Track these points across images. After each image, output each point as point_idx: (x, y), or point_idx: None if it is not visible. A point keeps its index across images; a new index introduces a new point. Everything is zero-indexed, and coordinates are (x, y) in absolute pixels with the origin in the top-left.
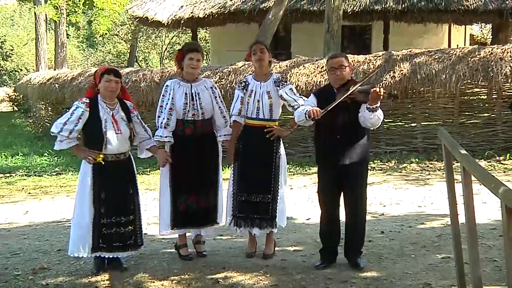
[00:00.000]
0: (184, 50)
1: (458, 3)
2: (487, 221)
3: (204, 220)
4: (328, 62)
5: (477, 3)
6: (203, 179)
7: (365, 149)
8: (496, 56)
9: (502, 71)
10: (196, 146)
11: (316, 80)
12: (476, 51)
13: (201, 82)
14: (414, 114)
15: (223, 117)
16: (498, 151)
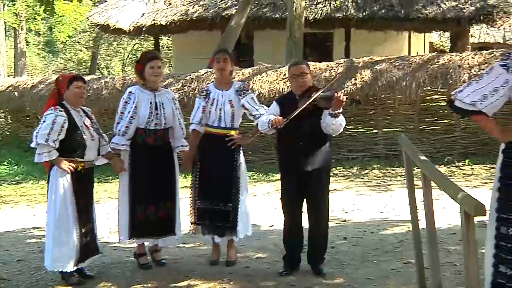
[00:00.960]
0: (144, 60)
1: (418, 11)
2: (447, 226)
3: (162, 231)
4: (290, 69)
5: (436, 12)
6: (163, 189)
7: (327, 156)
8: (454, 63)
9: (461, 78)
10: (156, 156)
11: (279, 87)
12: (436, 59)
13: (163, 92)
14: (376, 121)
15: (181, 129)
16: (458, 157)
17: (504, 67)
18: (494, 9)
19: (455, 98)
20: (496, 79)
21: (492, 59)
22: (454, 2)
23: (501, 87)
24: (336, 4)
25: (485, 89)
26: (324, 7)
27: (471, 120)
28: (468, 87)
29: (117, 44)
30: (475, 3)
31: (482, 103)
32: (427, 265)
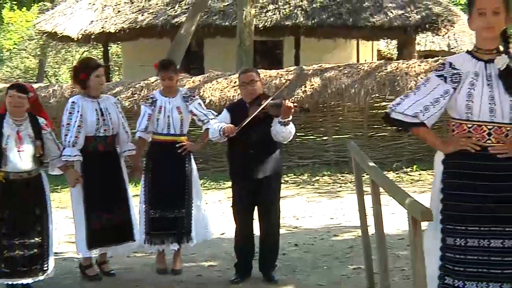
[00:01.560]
0: (88, 69)
1: (366, 19)
2: (396, 232)
3: (121, 237)
4: (240, 77)
5: (383, 20)
6: (115, 195)
7: (278, 163)
8: (401, 71)
9: (408, 85)
10: (106, 162)
11: (229, 95)
12: (383, 66)
13: (105, 98)
14: (326, 128)
15: (126, 132)
16: (406, 163)
17: (441, 78)
18: (439, 17)
19: (394, 111)
20: (434, 90)
21: (437, 66)
22: (401, 11)
23: (441, 98)
24: (285, 12)
25: (426, 100)
26: (274, 15)
27: (412, 133)
28: (406, 99)
29: (65, 51)
30: (420, 11)
31: (425, 114)
32: (377, 271)
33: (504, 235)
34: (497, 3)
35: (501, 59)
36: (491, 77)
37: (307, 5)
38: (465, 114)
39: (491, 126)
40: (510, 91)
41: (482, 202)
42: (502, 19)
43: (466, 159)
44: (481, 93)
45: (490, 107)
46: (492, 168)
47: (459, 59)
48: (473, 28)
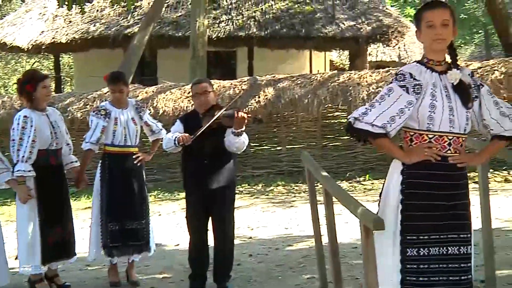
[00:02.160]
0: (35, 80)
1: (318, 30)
2: (350, 241)
3: (70, 252)
4: (193, 87)
5: (335, 31)
6: (65, 208)
7: (232, 173)
8: (354, 81)
9: (360, 95)
10: (56, 175)
11: (183, 105)
12: (336, 77)
13: (51, 110)
14: (279, 138)
15: (67, 145)
16: (359, 172)
17: (403, 88)
18: (389, 29)
19: (360, 121)
20: (398, 100)
21: (388, 77)
22: (352, 22)
23: (406, 108)
24: (238, 23)
25: (392, 111)
26: (227, 26)
27: (374, 144)
28: (373, 109)
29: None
30: (371, 23)
31: (392, 125)
32: (331, 280)
33: (460, 241)
34: (445, 15)
35: (453, 74)
36: (447, 88)
37: (260, 16)
38: (426, 125)
39: (451, 137)
40: (466, 104)
41: (440, 211)
42: (450, 31)
43: (426, 169)
44: (442, 104)
45: (450, 118)
46: (450, 177)
47: (416, 70)
48: (422, 40)
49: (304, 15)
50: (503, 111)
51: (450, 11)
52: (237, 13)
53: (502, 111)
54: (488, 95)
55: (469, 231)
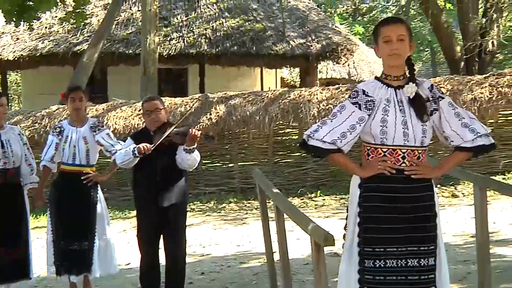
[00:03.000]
0: None
1: (268, 48)
2: (301, 257)
3: (15, 274)
4: (144, 105)
5: (286, 48)
6: (13, 230)
7: (183, 191)
8: (304, 98)
9: (311, 112)
10: (6, 196)
11: (134, 123)
12: (287, 94)
13: (9, 128)
14: (231, 155)
15: (28, 165)
16: (310, 189)
17: (355, 105)
18: (339, 46)
19: (312, 138)
20: (350, 117)
21: (338, 94)
22: (302, 40)
23: (357, 124)
24: (189, 40)
25: (343, 127)
26: (178, 43)
27: (327, 159)
28: (324, 126)
29: None
30: (321, 41)
31: (342, 141)
32: None
33: (420, 254)
34: (401, 30)
35: (409, 87)
36: (402, 102)
37: (211, 33)
38: (380, 139)
39: (405, 150)
40: (421, 117)
41: (399, 223)
42: (407, 46)
43: (382, 182)
44: (395, 119)
45: (403, 131)
46: (407, 190)
47: (371, 86)
48: (380, 56)
49: (255, 32)
50: (465, 122)
51: (407, 26)
52: (188, 31)
53: (464, 122)
54: (448, 107)
55: (432, 243)
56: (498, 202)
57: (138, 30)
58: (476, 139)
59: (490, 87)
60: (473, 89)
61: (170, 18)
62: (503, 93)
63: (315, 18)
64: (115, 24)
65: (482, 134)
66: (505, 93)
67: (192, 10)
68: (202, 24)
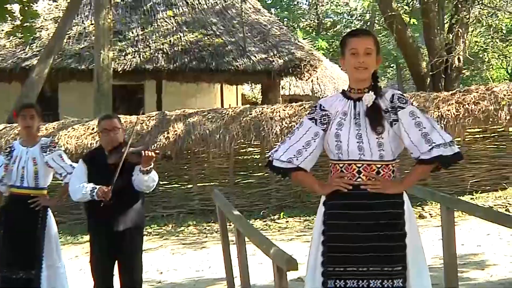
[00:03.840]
0: None
1: (229, 63)
2: (264, 282)
3: None
4: (100, 123)
5: (246, 64)
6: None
7: (140, 214)
8: (266, 115)
9: (273, 130)
10: None
11: (87, 142)
12: (248, 111)
13: None
14: (190, 175)
15: None
16: (273, 210)
17: (312, 121)
18: (302, 62)
19: (273, 158)
20: (307, 133)
21: (302, 111)
22: (264, 55)
23: (312, 140)
24: (145, 55)
25: (298, 145)
26: (134, 58)
27: (292, 178)
28: (282, 145)
29: None
30: (283, 56)
31: (298, 159)
32: None
33: (383, 275)
34: (369, 43)
35: (368, 96)
36: (359, 115)
37: (168, 48)
38: (336, 154)
39: (361, 164)
40: (375, 129)
41: (361, 242)
42: (374, 59)
43: (342, 199)
44: (348, 132)
45: (358, 145)
46: (370, 206)
47: (330, 100)
48: (346, 68)
49: (214, 47)
50: (424, 132)
51: (374, 39)
52: (144, 45)
53: (424, 132)
54: (408, 117)
55: (399, 264)
56: (466, 223)
57: (91, 45)
58: (432, 149)
59: (457, 104)
60: (440, 106)
61: (125, 32)
62: (469, 110)
63: (277, 32)
64: (66, 38)
65: (440, 144)
66: (472, 110)
67: (148, 24)
68: (159, 38)
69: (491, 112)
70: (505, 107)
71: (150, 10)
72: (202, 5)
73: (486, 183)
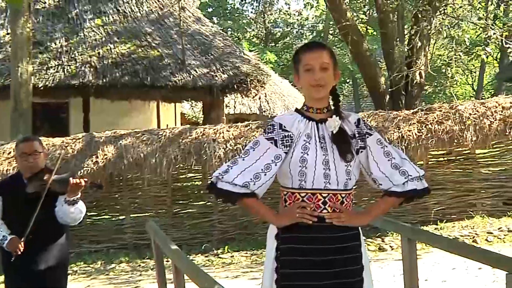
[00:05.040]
0: None
1: (166, 78)
2: None
3: None
4: (19, 147)
5: (186, 79)
6: None
7: (64, 250)
8: (208, 137)
9: (216, 153)
10: None
11: (2, 168)
12: (188, 132)
13: None
14: (123, 205)
15: None
16: (216, 244)
17: (271, 141)
18: (248, 77)
19: (221, 180)
20: (265, 155)
21: (248, 132)
22: (206, 69)
23: (273, 163)
24: (71, 69)
25: (256, 167)
26: (57, 72)
27: (239, 205)
28: (234, 166)
29: None
30: (227, 70)
31: (256, 183)
32: None
33: None
34: (325, 58)
35: (333, 121)
36: (324, 139)
37: (96, 61)
38: (298, 182)
39: (326, 194)
40: (344, 157)
41: (322, 279)
42: (331, 75)
43: (303, 232)
44: (315, 158)
45: (324, 173)
46: (331, 240)
47: (289, 120)
48: (301, 86)
49: (149, 60)
50: (395, 162)
51: (330, 53)
52: (69, 58)
53: (394, 162)
54: (377, 145)
55: None
56: (430, 255)
57: (7, 57)
58: (407, 182)
59: (419, 124)
60: (400, 126)
61: (47, 42)
62: (433, 130)
63: (220, 44)
64: None
65: (414, 177)
66: (435, 131)
67: (74, 33)
68: (86, 50)
69: (456, 132)
70: (471, 127)
71: (76, 18)
72: (135, 12)
73: (452, 211)
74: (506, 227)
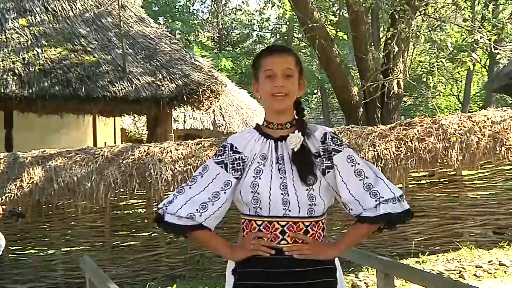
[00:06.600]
0: None
1: (103, 89)
2: None
3: None
4: None
5: (127, 89)
6: None
7: None
8: (154, 156)
9: (163, 176)
10: None
11: None
12: (130, 151)
13: None
14: (52, 238)
15: None
16: (163, 282)
17: (221, 165)
18: (200, 87)
19: (165, 212)
20: (213, 181)
21: (200, 151)
22: (150, 78)
23: (222, 191)
24: None
25: (203, 196)
26: None
27: (190, 239)
28: (180, 195)
29: None
30: (176, 79)
31: (202, 215)
32: None
33: None
34: (289, 63)
35: (293, 137)
36: (282, 159)
37: (21, 68)
38: (253, 209)
39: (285, 222)
40: (305, 179)
41: None
42: (296, 83)
43: (260, 266)
44: (270, 182)
45: (282, 198)
46: (294, 276)
47: (243, 139)
48: (261, 96)
49: (84, 67)
50: (368, 182)
51: (296, 58)
52: None
53: (367, 182)
54: (346, 163)
55: None
56: None
57: None
58: (379, 205)
59: (397, 141)
60: (376, 144)
61: None
62: (413, 148)
63: (167, 48)
64: None
65: (389, 199)
66: (416, 149)
67: None
68: (9, 55)
69: (439, 151)
70: (457, 145)
71: None
72: (67, 11)
73: (435, 241)
74: (497, 260)
